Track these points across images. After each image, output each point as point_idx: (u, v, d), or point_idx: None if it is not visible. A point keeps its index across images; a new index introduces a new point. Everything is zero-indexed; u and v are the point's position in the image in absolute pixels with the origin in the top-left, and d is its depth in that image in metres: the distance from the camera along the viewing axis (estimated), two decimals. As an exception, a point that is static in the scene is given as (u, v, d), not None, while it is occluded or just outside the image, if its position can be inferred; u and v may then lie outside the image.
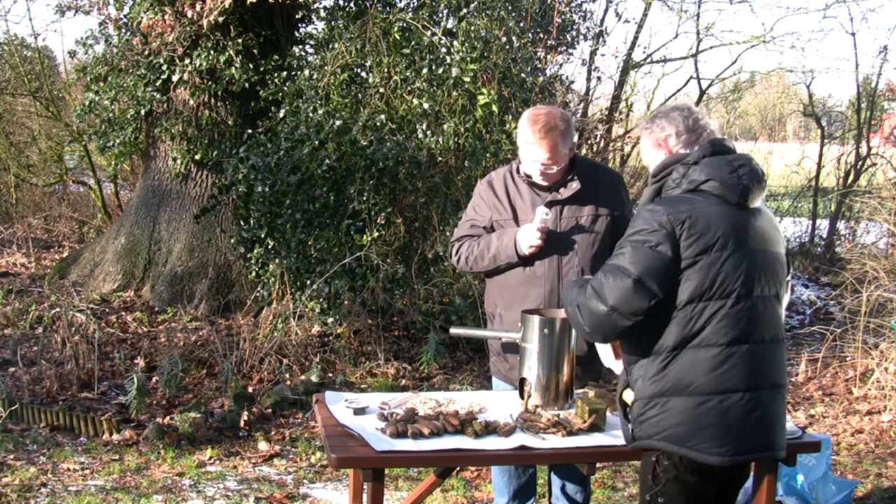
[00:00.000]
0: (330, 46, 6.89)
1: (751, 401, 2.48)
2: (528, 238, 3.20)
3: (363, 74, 6.88)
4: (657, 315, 2.49)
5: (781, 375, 2.58)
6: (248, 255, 6.74)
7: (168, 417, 5.18)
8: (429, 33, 6.55)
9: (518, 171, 3.36)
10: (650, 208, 2.52)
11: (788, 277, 2.72)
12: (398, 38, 6.49)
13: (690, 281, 2.46)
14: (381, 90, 6.50)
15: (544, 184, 3.28)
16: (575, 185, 3.27)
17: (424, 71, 6.31)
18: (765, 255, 2.54)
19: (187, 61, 7.36)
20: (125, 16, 7.84)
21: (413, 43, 6.52)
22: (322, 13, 7.96)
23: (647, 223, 2.49)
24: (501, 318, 3.38)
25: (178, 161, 7.73)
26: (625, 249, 2.52)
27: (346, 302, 6.33)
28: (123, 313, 7.19)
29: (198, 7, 6.97)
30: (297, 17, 7.95)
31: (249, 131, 7.23)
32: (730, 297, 2.46)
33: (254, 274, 6.81)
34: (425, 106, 6.26)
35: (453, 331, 3.47)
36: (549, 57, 7.36)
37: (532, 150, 3.21)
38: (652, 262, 2.46)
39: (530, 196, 3.31)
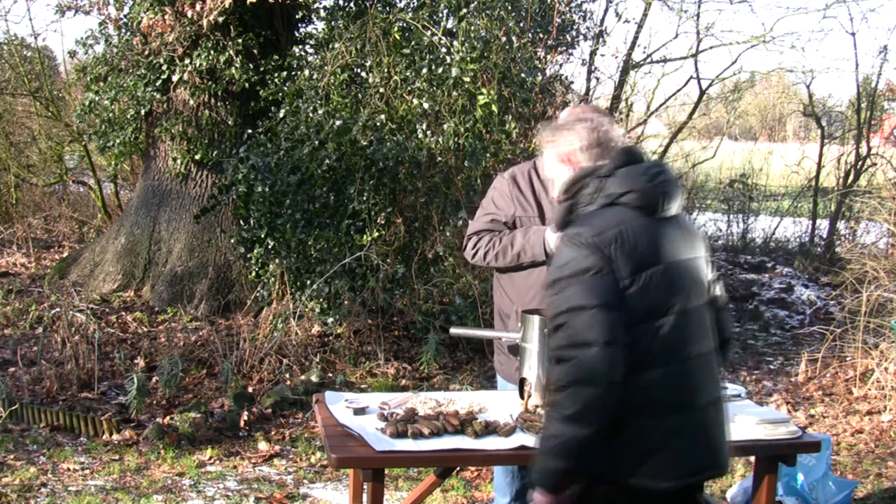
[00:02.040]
0: (330, 46, 6.89)
1: (697, 421, 2.33)
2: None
3: (363, 74, 6.88)
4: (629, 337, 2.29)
5: (718, 387, 2.43)
6: (248, 255, 6.74)
7: (168, 417, 5.18)
8: (429, 33, 6.55)
9: (538, 168, 3.34)
10: (573, 234, 2.30)
11: (713, 276, 2.54)
12: (398, 38, 6.49)
13: (631, 302, 2.24)
14: (381, 90, 6.50)
15: None
16: None
17: (424, 71, 6.31)
18: (690, 263, 2.39)
19: (187, 61, 7.36)
20: (125, 16, 7.84)
21: (413, 43, 6.52)
22: (322, 13, 7.96)
23: (575, 251, 2.26)
24: (518, 315, 3.33)
25: (178, 161, 7.73)
26: (569, 289, 2.25)
27: (346, 302, 6.33)
28: (123, 313, 7.19)
29: (198, 7, 6.97)
30: (297, 17, 7.95)
31: (249, 131, 7.23)
32: (668, 314, 2.29)
33: (254, 274, 6.81)
34: (425, 106, 6.26)
35: (453, 331, 3.47)
36: (548, 57, 7.36)
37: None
38: (602, 285, 2.23)
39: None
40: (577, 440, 2.20)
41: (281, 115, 6.76)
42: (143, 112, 7.82)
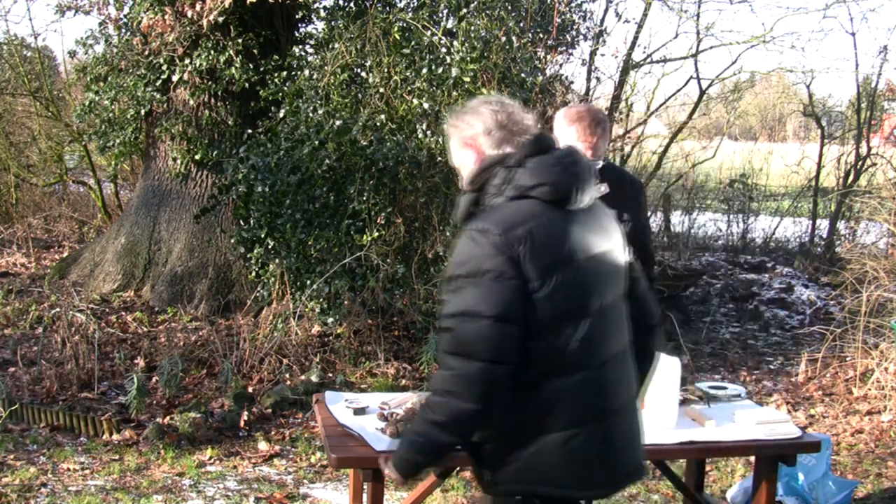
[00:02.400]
0: (330, 46, 6.89)
1: (614, 427, 2.20)
2: None
3: (363, 74, 6.88)
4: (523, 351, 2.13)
5: (631, 385, 2.31)
6: (248, 255, 6.74)
7: (168, 417, 5.18)
8: (429, 33, 6.55)
9: None
10: (479, 229, 2.11)
11: (630, 258, 2.41)
12: (398, 38, 6.49)
13: (540, 306, 2.08)
14: (381, 90, 6.50)
15: None
16: (604, 189, 3.27)
17: (424, 71, 6.31)
18: (606, 256, 2.24)
19: (187, 61, 7.36)
20: (125, 16, 7.84)
21: (413, 43, 6.52)
22: (322, 13, 7.96)
23: (478, 248, 2.08)
24: None
25: (178, 161, 7.73)
26: (464, 289, 2.09)
27: (346, 302, 6.33)
28: (123, 313, 7.19)
29: (198, 7, 6.97)
30: (297, 17, 7.95)
31: (249, 131, 7.23)
32: (582, 316, 2.14)
33: (254, 274, 6.81)
34: (425, 106, 6.26)
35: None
36: (548, 57, 7.36)
37: (579, 147, 3.19)
38: (501, 292, 2.06)
39: None
40: (438, 444, 2.14)
41: (281, 115, 6.76)
42: (143, 112, 7.82)
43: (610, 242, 2.28)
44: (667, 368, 2.91)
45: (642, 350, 2.43)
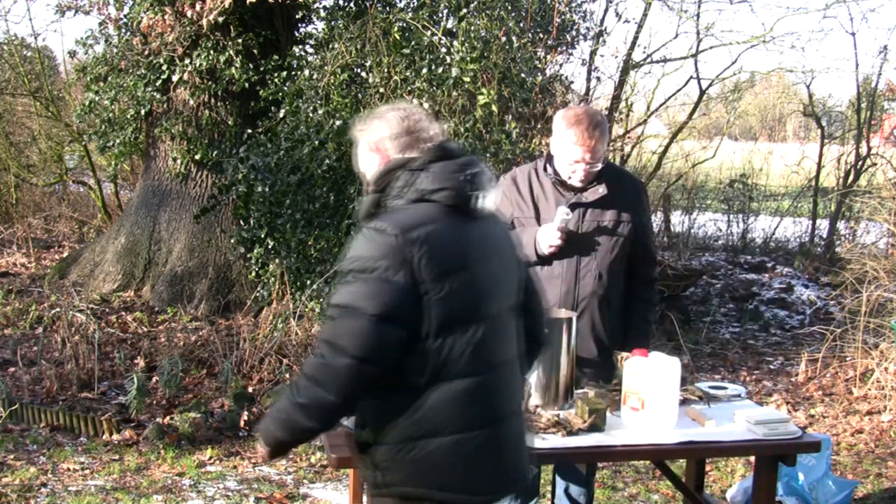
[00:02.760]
0: (330, 46, 6.89)
1: (501, 434, 2.21)
2: (549, 238, 3.21)
3: (363, 74, 6.87)
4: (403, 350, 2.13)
5: (519, 395, 2.34)
6: (248, 255, 6.74)
7: (168, 417, 5.18)
8: (429, 33, 6.55)
9: (545, 170, 3.35)
10: (377, 227, 2.13)
11: (525, 277, 2.43)
12: (398, 38, 6.49)
13: (433, 309, 2.09)
14: (381, 90, 6.50)
15: (581, 185, 3.28)
16: (602, 190, 3.28)
17: (424, 71, 6.31)
18: (501, 266, 2.27)
19: (187, 61, 7.36)
20: (125, 16, 7.84)
21: (413, 43, 6.51)
22: (322, 13, 7.96)
23: (373, 246, 2.10)
24: None
25: (178, 161, 7.73)
26: (352, 283, 2.11)
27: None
28: (123, 313, 7.19)
29: (198, 7, 6.97)
30: (297, 17, 7.95)
31: (249, 131, 7.23)
32: (474, 322, 2.15)
33: (254, 274, 6.81)
34: (425, 106, 6.26)
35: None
36: (548, 57, 7.35)
37: (577, 151, 3.19)
38: (386, 292, 2.06)
39: (554, 196, 3.31)
40: (298, 426, 2.16)
41: (281, 115, 6.76)
42: (143, 112, 7.82)
43: (506, 252, 2.32)
44: (667, 368, 2.91)
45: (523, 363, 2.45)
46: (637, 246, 3.36)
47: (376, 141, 2.32)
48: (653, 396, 2.89)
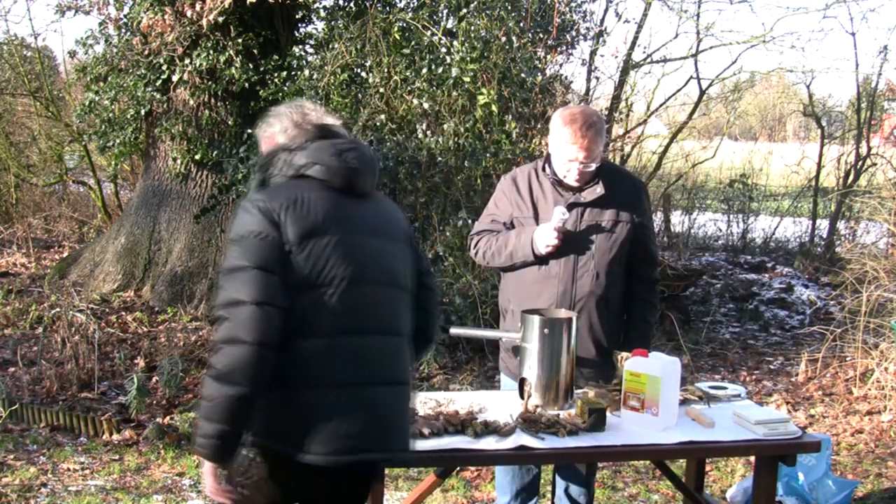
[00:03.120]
0: (330, 46, 6.89)
1: (355, 397, 2.26)
2: (546, 238, 3.21)
3: (363, 74, 6.88)
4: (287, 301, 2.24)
5: (400, 370, 2.39)
6: (248, 255, 6.72)
7: (168, 417, 5.18)
8: (429, 33, 6.55)
9: (544, 170, 3.35)
10: (250, 199, 2.33)
11: (419, 270, 2.54)
12: (398, 38, 6.49)
13: (295, 267, 2.22)
14: (381, 90, 6.50)
15: (576, 185, 3.28)
16: (599, 190, 3.27)
17: (424, 71, 6.31)
18: (375, 245, 2.37)
19: (187, 61, 7.36)
20: (125, 16, 7.84)
21: (413, 43, 6.52)
22: (322, 13, 7.96)
23: (247, 214, 2.28)
24: (513, 313, 3.39)
25: (178, 161, 7.73)
26: (232, 250, 2.27)
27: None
28: (123, 313, 7.19)
29: (198, 7, 6.97)
30: (297, 17, 7.95)
31: (249, 131, 7.22)
32: (334, 285, 2.25)
33: (254, 274, 6.80)
34: (425, 106, 6.26)
35: (453, 331, 3.47)
36: (548, 57, 7.35)
37: (571, 149, 3.20)
38: (262, 248, 2.22)
39: (553, 196, 3.31)
40: (227, 400, 2.17)
41: (281, 115, 6.76)
42: (143, 112, 7.82)
43: (387, 239, 2.42)
44: (667, 368, 2.91)
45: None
46: (637, 246, 3.36)
47: (269, 135, 2.50)
48: (653, 396, 2.89)
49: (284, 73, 7.07)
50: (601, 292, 3.28)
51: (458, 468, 4.47)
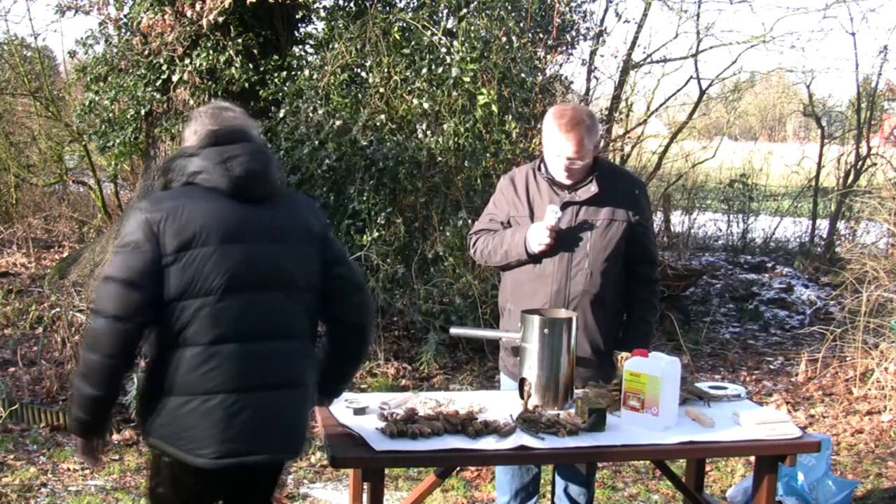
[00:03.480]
0: (330, 46, 6.89)
1: (237, 402, 2.35)
2: (538, 236, 3.22)
3: (363, 74, 6.88)
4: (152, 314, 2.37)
5: (291, 373, 2.46)
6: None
7: None
8: (429, 33, 6.55)
9: (540, 169, 3.36)
10: (138, 207, 2.40)
11: (325, 263, 2.55)
12: (398, 38, 6.49)
13: (172, 278, 2.32)
14: (381, 90, 6.50)
15: (567, 182, 3.28)
16: (593, 188, 3.27)
17: (424, 71, 6.31)
18: (261, 250, 2.41)
19: (187, 61, 7.36)
20: (125, 16, 7.84)
21: (413, 43, 6.51)
22: (322, 13, 7.95)
23: (132, 223, 2.36)
24: (510, 312, 3.41)
25: (178, 161, 7.71)
26: (114, 257, 2.38)
27: (346, 302, 6.32)
28: (123, 313, 7.18)
29: (198, 7, 6.96)
30: (297, 17, 7.95)
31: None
32: (211, 294, 2.33)
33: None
34: (425, 106, 6.26)
35: (453, 331, 3.47)
36: (549, 57, 7.35)
37: (557, 144, 3.21)
38: (134, 261, 2.32)
39: (549, 195, 3.31)
40: (85, 397, 2.36)
41: (281, 115, 6.76)
42: (143, 112, 7.82)
43: (284, 240, 2.46)
44: (667, 368, 2.91)
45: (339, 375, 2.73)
46: (635, 246, 3.35)
47: (185, 137, 2.57)
48: (653, 396, 2.89)
49: (284, 73, 7.06)
50: (596, 291, 3.27)
51: (458, 468, 4.47)
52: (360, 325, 2.66)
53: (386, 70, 6.47)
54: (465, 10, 6.58)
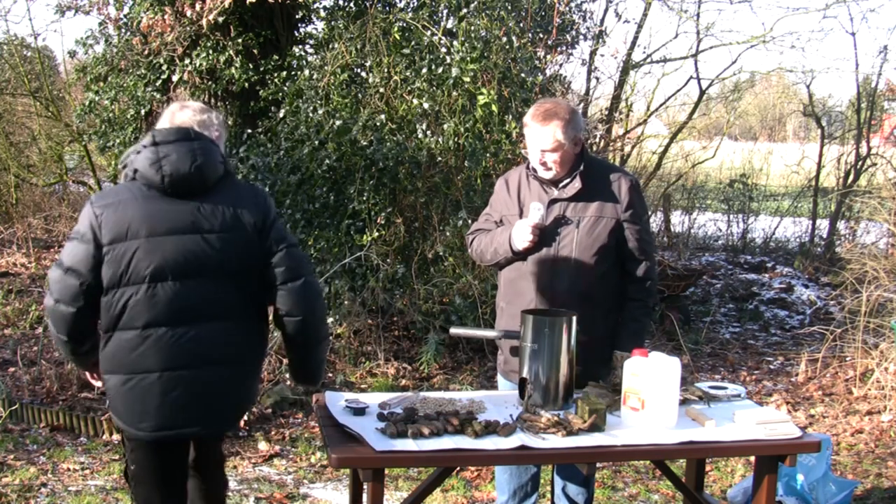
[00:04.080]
0: (330, 46, 6.89)
1: (170, 380, 2.62)
2: (522, 234, 3.24)
3: (363, 74, 6.87)
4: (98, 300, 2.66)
5: (223, 352, 2.69)
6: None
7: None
8: (429, 33, 6.55)
9: (531, 168, 3.37)
10: (89, 199, 2.68)
11: (265, 254, 2.74)
12: (398, 38, 6.49)
13: (108, 268, 2.60)
14: (381, 90, 6.50)
15: (547, 176, 3.29)
16: (577, 184, 3.27)
17: (424, 71, 6.31)
18: (189, 241, 2.63)
19: (187, 61, 7.36)
20: (125, 16, 7.84)
21: (413, 43, 6.51)
22: (322, 13, 7.95)
23: (82, 215, 2.65)
24: (503, 310, 3.44)
25: (178, 161, 7.71)
26: (65, 244, 2.68)
27: (346, 302, 6.33)
28: (123, 313, 7.18)
29: (197, 7, 6.96)
30: (297, 17, 7.94)
31: (249, 131, 7.22)
32: (142, 283, 2.60)
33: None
34: (425, 106, 6.26)
35: (453, 331, 3.47)
36: (549, 57, 7.35)
37: (532, 136, 3.24)
38: (78, 251, 2.62)
39: (538, 193, 3.32)
40: (61, 343, 2.74)
41: (281, 115, 6.76)
42: (143, 112, 7.81)
43: (209, 231, 2.66)
44: (667, 368, 2.91)
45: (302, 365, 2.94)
46: (626, 243, 3.34)
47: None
48: (653, 396, 2.89)
49: (284, 73, 7.06)
50: (582, 289, 3.26)
51: (458, 468, 4.47)
52: (295, 313, 2.77)
53: (386, 70, 6.47)
54: (465, 10, 6.58)
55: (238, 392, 2.77)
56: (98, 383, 2.85)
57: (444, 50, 6.54)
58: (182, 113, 2.83)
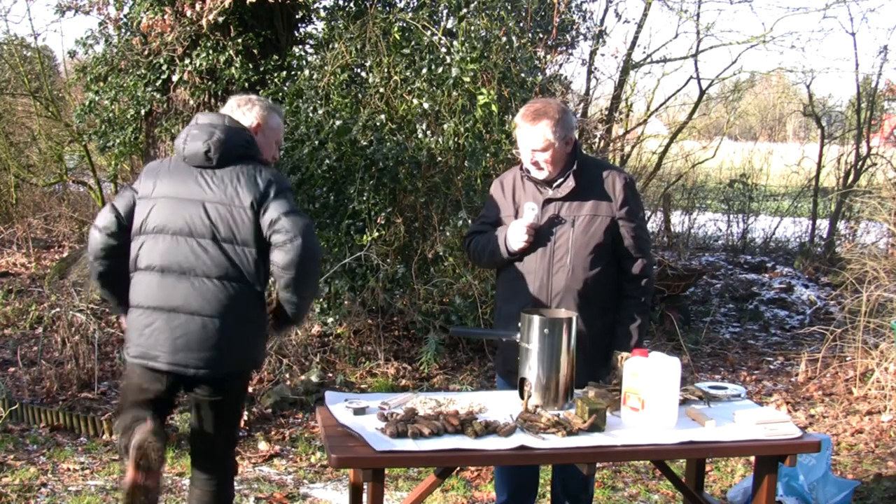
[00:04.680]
0: (330, 46, 6.89)
1: (150, 316, 3.03)
2: (517, 234, 3.25)
3: (363, 74, 6.87)
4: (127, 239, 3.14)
5: (201, 305, 3.00)
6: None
7: (167, 417, 5.17)
8: (429, 33, 6.54)
9: (522, 168, 3.38)
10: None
11: (269, 231, 3.01)
12: (398, 38, 6.49)
13: (136, 216, 3.10)
14: (381, 90, 6.49)
15: (539, 176, 3.29)
16: (570, 183, 3.27)
17: (424, 71, 6.30)
18: (193, 206, 3.03)
19: (187, 61, 7.35)
20: (125, 16, 7.83)
21: (413, 43, 6.51)
22: (322, 13, 7.95)
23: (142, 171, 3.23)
24: (500, 310, 3.46)
25: (178, 161, 7.71)
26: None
27: (346, 302, 6.33)
28: (123, 313, 7.18)
29: (198, 7, 6.96)
30: (297, 17, 7.94)
31: (249, 131, 7.22)
32: (149, 233, 3.06)
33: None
34: (425, 106, 6.26)
35: (453, 331, 3.48)
36: (549, 57, 7.35)
37: (523, 135, 3.26)
38: (125, 193, 3.18)
39: (533, 194, 3.33)
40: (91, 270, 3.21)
41: (281, 114, 6.75)
42: (143, 112, 7.81)
43: (212, 200, 3.03)
44: (667, 368, 2.91)
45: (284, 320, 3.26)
46: (622, 241, 3.34)
47: None
48: (653, 396, 2.89)
49: (284, 73, 7.06)
50: (578, 288, 3.27)
51: (458, 468, 4.47)
52: (288, 259, 3.00)
53: (386, 70, 6.46)
54: (465, 10, 6.58)
55: (212, 341, 3.01)
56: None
57: (444, 50, 6.54)
58: (225, 106, 3.33)
